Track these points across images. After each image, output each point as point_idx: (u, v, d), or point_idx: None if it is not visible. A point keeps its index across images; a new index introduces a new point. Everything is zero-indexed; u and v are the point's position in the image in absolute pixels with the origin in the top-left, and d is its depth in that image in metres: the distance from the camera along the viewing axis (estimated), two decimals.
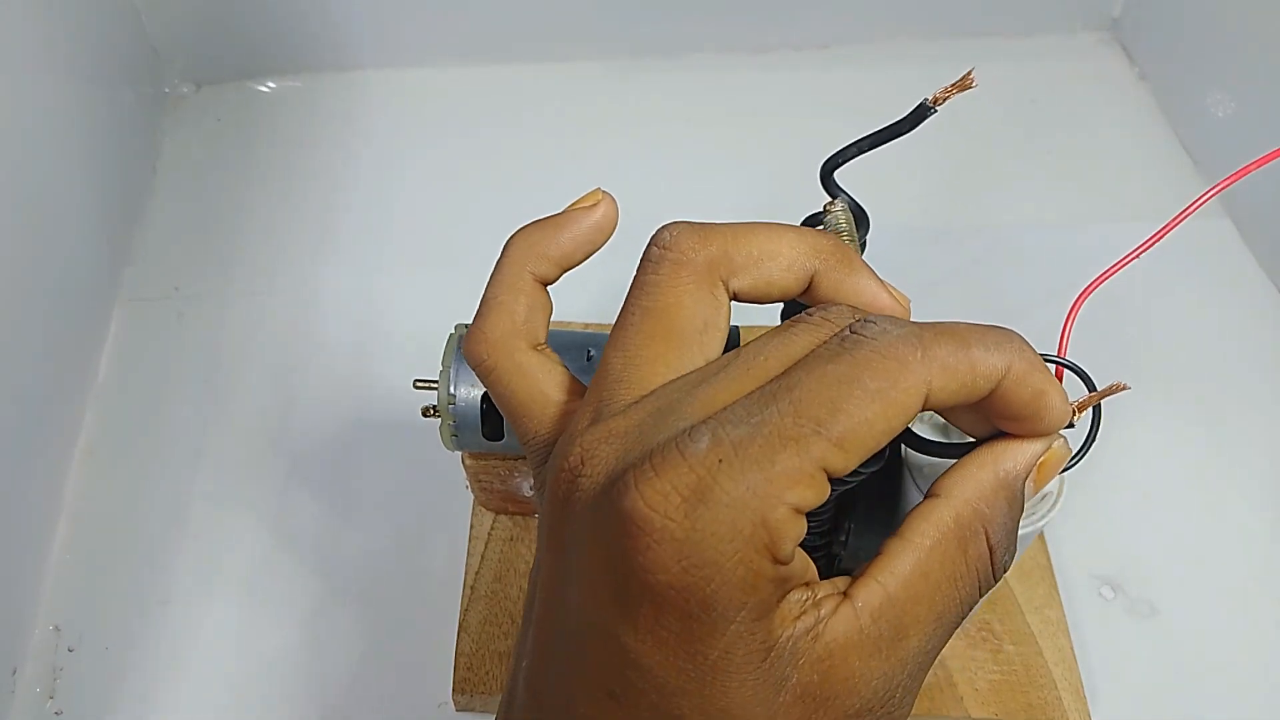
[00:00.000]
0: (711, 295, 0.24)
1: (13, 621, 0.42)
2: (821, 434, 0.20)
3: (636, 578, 0.20)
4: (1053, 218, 0.59)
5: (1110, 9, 0.68)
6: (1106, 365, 0.26)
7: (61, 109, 0.49)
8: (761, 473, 0.19)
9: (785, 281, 0.25)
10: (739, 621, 0.20)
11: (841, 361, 0.21)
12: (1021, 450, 0.23)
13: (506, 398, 0.26)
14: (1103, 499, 0.47)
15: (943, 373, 0.21)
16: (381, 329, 0.53)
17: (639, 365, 0.23)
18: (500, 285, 0.27)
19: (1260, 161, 0.25)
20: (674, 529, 0.19)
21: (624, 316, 0.24)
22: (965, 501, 0.22)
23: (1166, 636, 0.44)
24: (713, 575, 0.19)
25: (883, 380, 0.20)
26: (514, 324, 0.26)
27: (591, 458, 0.22)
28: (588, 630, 0.21)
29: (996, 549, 0.23)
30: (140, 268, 0.56)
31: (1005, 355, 0.22)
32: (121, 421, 0.50)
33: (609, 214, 0.27)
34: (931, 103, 0.27)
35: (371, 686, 0.42)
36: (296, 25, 0.63)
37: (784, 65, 0.67)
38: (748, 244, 0.24)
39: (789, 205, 0.34)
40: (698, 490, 0.19)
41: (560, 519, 0.22)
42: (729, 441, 0.20)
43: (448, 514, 0.45)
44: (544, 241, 0.27)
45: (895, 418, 0.21)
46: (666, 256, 0.24)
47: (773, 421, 0.20)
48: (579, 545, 0.21)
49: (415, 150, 0.62)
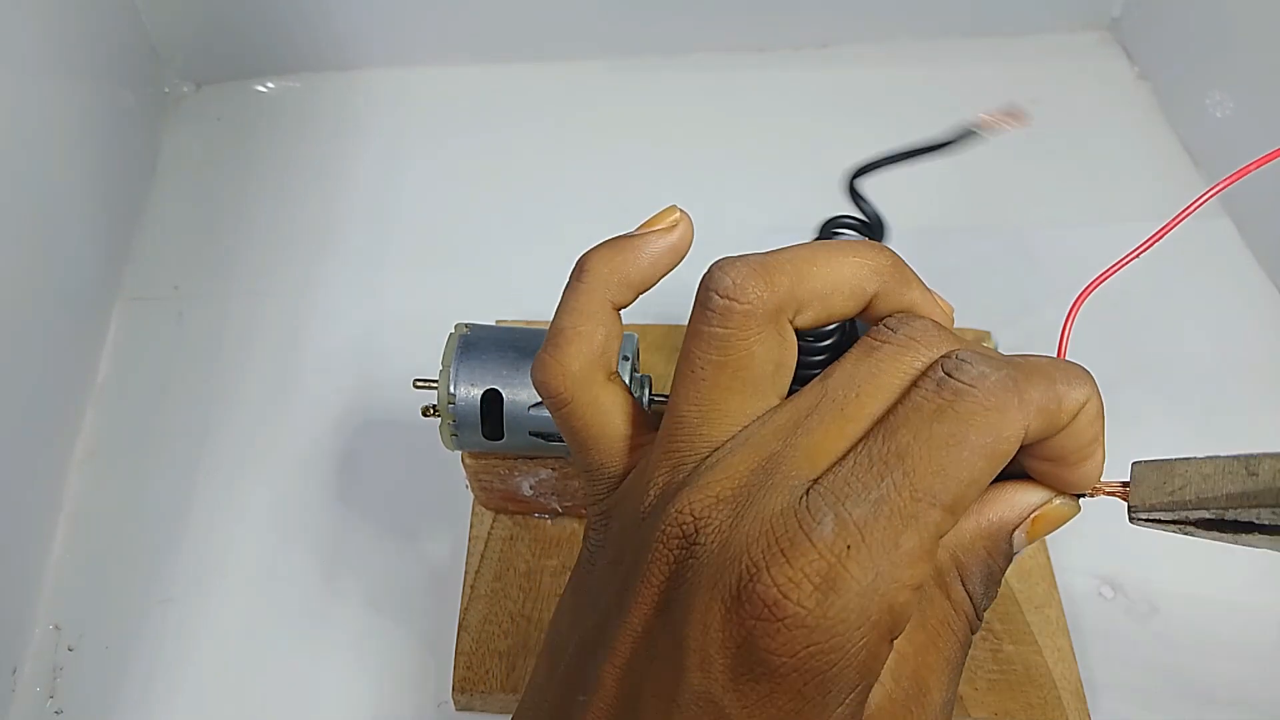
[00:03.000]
0: (780, 337, 0.23)
1: (13, 621, 0.42)
2: (936, 505, 0.20)
3: (760, 658, 0.20)
4: (1053, 218, 0.59)
5: (1110, 8, 0.68)
6: (1106, 365, 0.26)
7: (61, 108, 0.49)
8: (887, 557, 0.20)
9: (847, 310, 0.24)
10: (848, 703, 0.20)
11: (946, 420, 0.20)
12: (1013, 503, 0.23)
13: (578, 430, 0.26)
14: (1103, 499, 0.47)
15: (1039, 415, 0.21)
16: (381, 329, 0.53)
17: (717, 418, 0.23)
18: (579, 314, 0.25)
19: (1260, 161, 0.25)
20: (806, 616, 0.19)
21: (692, 368, 0.24)
22: (943, 546, 0.22)
23: (1166, 636, 0.44)
24: (837, 659, 0.20)
25: (987, 435, 0.20)
26: (593, 355, 0.25)
27: (705, 526, 0.21)
28: (687, 696, 0.21)
29: (974, 595, 0.23)
30: (140, 267, 0.56)
31: (1084, 390, 0.22)
32: (121, 421, 0.50)
33: (686, 236, 0.26)
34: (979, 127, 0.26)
35: (372, 686, 0.42)
36: (296, 25, 0.63)
37: (784, 65, 0.67)
38: (811, 279, 0.23)
39: (789, 205, 0.34)
40: (829, 579, 0.19)
41: (670, 582, 0.22)
42: (853, 524, 0.20)
43: (448, 514, 0.45)
44: (625, 266, 0.26)
45: (998, 466, 0.21)
46: (734, 309, 0.23)
47: (891, 500, 0.20)
48: (696, 615, 0.21)
49: (415, 150, 0.62)
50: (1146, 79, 0.66)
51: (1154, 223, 0.26)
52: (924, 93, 0.63)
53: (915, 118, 0.29)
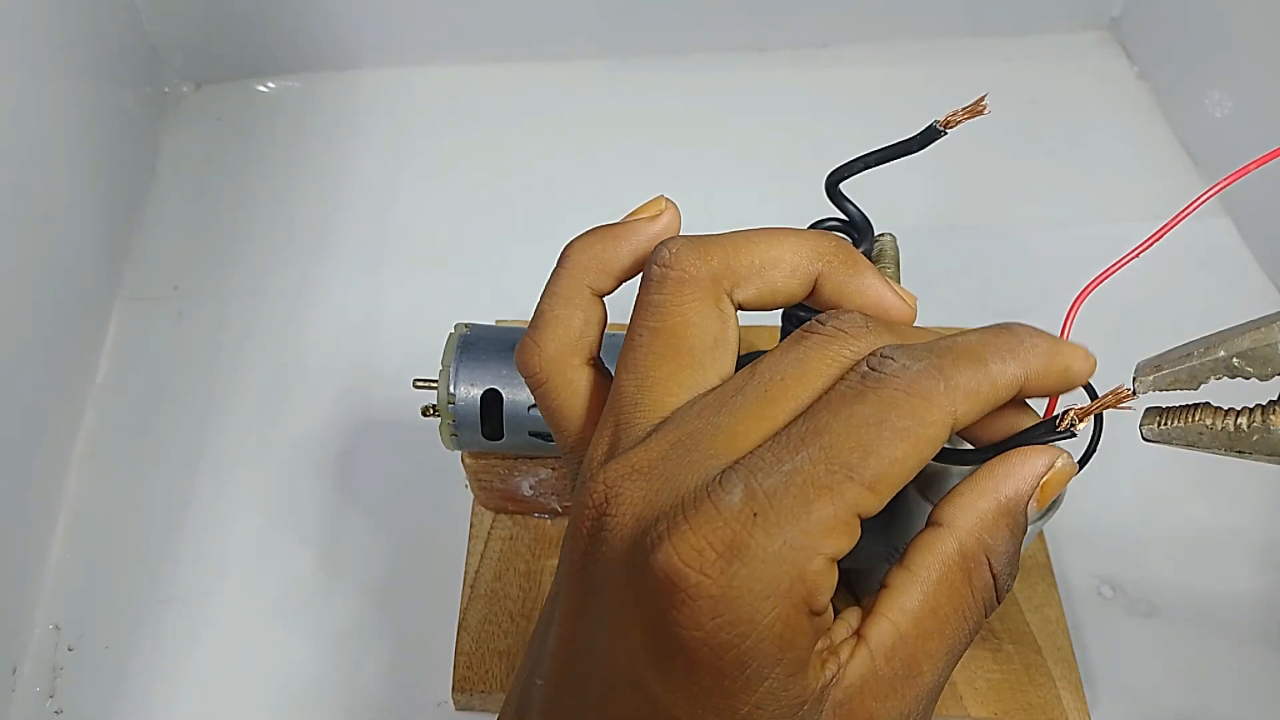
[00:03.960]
0: (718, 309, 0.24)
1: (13, 621, 0.42)
2: (854, 479, 0.20)
3: (670, 633, 0.19)
4: (1052, 217, 0.59)
5: (1110, 8, 0.68)
6: (1107, 365, 0.26)
7: (61, 108, 0.49)
8: (797, 525, 0.19)
9: (790, 287, 0.24)
10: (773, 678, 0.20)
11: (867, 401, 0.20)
12: (1023, 474, 0.23)
13: (553, 410, 0.26)
14: (1103, 499, 0.47)
15: (966, 399, 0.21)
16: (381, 328, 0.53)
17: (652, 386, 0.23)
18: (557, 298, 0.26)
19: (1260, 161, 0.25)
20: (710, 586, 0.19)
21: (632, 337, 0.24)
22: (968, 531, 0.22)
23: (1166, 636, 0.44)
24: (749, 632, 0.19)
25: (910, 418, 0.20)
26: (569, 339, 0.26)
27: (616, 497, 0.21)
28: (616, 676, 0.21)
29: (1000, 576, 0.22)
30: (140, 267, 0.56)
31: (1020, 362, 0.22)
32: (121, 421, 0.50)
33: (671, 225, 0.26)
34: (942, 125, 0.26)
35: (371, 686, 0.42)
36: (296, 25, 0.63)
37: (784, 65, 0.67)
38: (749, 253, 0.24)
39: (789, 204, 0.34)
40: (733, 546, 0.19)
41: (586, 557, 0.22)
42: (762, 493, 0.19)
43: (448, 514, 0.45)
44: (604, 254, 0.26)
45: (924, 452, 0.21)
46: (669, 275, 0.24)
47: (805, 470, 0.20)
48: (609, 591, 0.21)
49: (415, 150, 0.62)
50: (1146, 79, 0.66)
51: (1154, 223, 0.26)
52: (924, 93, 0.63)
53: (915, 118, 0.29)
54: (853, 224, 0.32)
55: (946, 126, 0.27)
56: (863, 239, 0.32)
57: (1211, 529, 0.47)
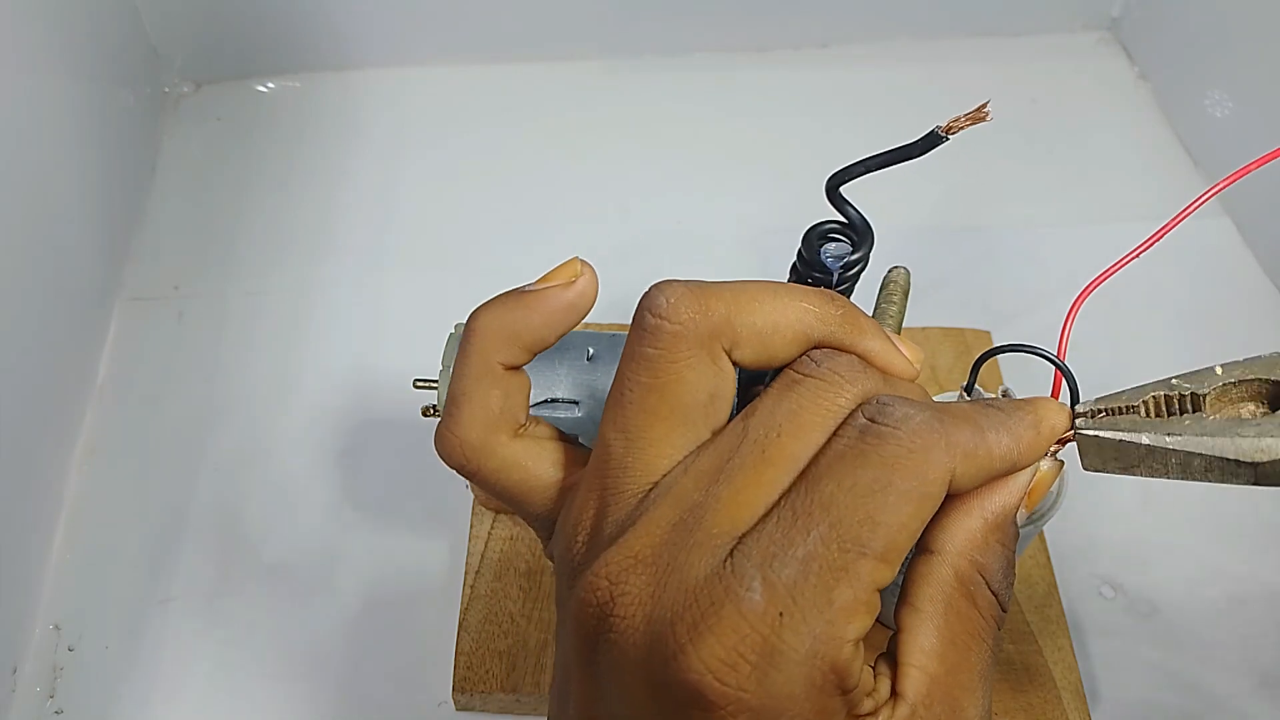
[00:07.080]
0: (715, 366, 0.22)
1: (13, 621, 0.42)
2: (867, 554, 0.19)
3: None
4: (1053, 218, 0.59)
5: (1110, 8, 0.68)
6: (1107, 365, 0.26)
7: (61, 108, 0.49)
8: (822, 617, 0.19)
9: (789, 353, 0.23)
10: None
11: (870, 465, 0.20)
12: (1008, 488, 0.23)
13: (502, 492, 0.25)
14: (1103, 499, 0.47)
15: (964, 460, 0.21)
16: (381, 329, 0.53)
17: (644, 448, 0.22)
18: (467, 379, 0.24)
19: (1260, 161, 0.25)
20: (748, 699, 0.19)
21: (621, 392, 0.22)
22: (960, 554, 0.22)
23: (1166, 636, 0.44)
24: None
25: (913, 479, 0.20)
26: (489, 419, 0.24)
27: (623, 595, 0.20)
28: None
29: (999, 592, 0.22)
30: (140, 267, 0.56)
31: (1014, 437, 0.22)
32: (121, 421, 0.50)
33: (587, 291, 0.24)
34: (944, 131, 0.26)
35: (371, 686, 0.42)
36: (296, 25, 0.63)
37: (784, 65, 0.67)
38: (751, 313, 0.22)
39: (789, 204, 0.34)
40: (765, 653, 0.19)
41: (593, 650, 0.21)
42: (783, 587, 0.19)
43: (448, 514, 0.45)
44: (515, 324, 0.24)
45: (928, 511, 0.20)
46: (664, 327, 0.22)
47: (819, 554, 0.19)
48: (624, 688, 0.20)
49: (415, 150, 0.62)
50: (1146, 79, 0.66)
51: (1154, 223, 0.26)
52: (924, 93, 0.63)
53: (915, 118, 0.29)
54: (852, 226, 0.32)
55: (948, 132, 0.26)
56: (862, 242, 0.32)
57: (1212, 529, 0.47)
